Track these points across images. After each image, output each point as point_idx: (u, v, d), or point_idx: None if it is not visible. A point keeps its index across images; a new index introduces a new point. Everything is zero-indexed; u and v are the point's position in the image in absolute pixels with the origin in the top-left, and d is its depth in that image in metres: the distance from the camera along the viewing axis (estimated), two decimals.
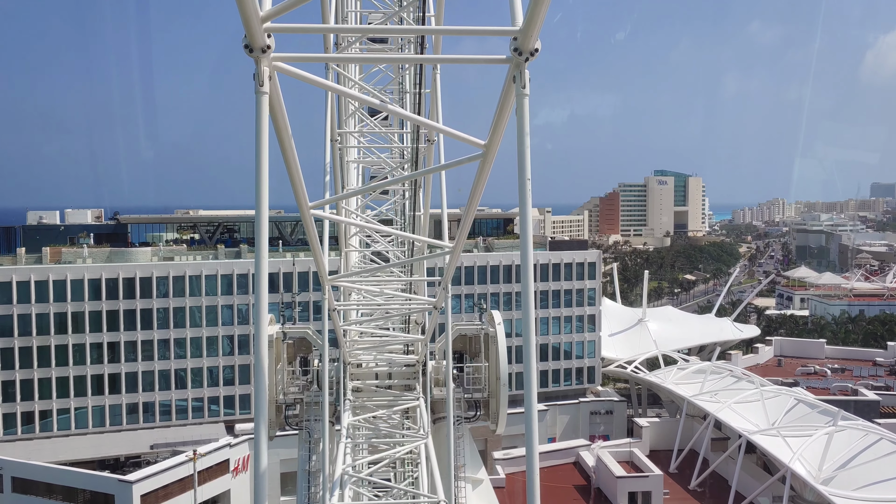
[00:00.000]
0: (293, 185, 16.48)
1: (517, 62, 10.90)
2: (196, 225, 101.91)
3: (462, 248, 24.02)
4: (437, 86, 27.48)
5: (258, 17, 9.71)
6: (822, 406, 76.00)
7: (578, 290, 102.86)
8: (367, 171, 32.29)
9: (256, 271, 11.84)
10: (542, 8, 9.93)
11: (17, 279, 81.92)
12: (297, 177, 15.78)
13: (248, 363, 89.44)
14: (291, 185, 16.60)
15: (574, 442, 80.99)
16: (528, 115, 12.09)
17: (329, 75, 26.56)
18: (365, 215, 29.17)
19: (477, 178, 16.30)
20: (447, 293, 25.65)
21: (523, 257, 12.12)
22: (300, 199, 17.46)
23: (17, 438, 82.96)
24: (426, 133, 27.63)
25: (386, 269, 28.75)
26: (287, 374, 31.21)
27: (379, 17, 27.51)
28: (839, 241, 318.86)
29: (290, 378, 31.27)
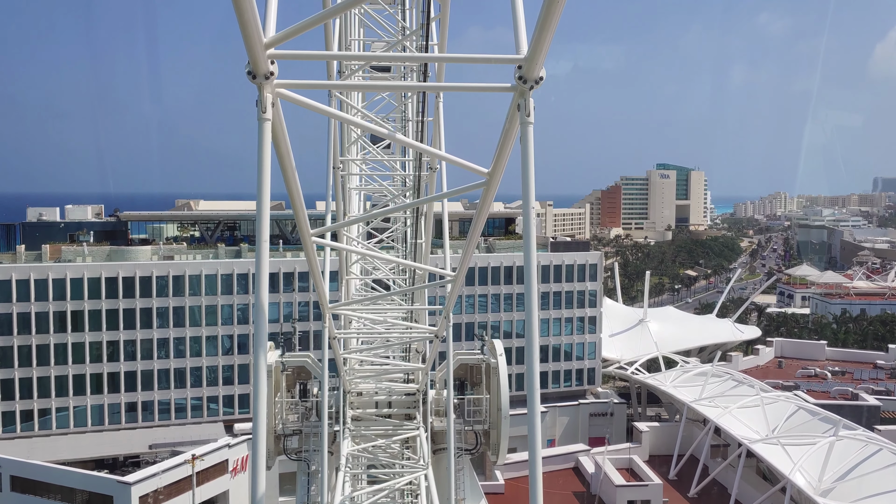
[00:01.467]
0: (295, 212, 16.33)
1: (522, 90, 10.87)
2: (196, 222, 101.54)
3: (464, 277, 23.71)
4: (439, 113, 27.14)
5: (262, 43, 9.68)
6: (822, 413, 75.75)
7: (579, 292, 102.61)
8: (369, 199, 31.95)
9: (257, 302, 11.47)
10: (546, 36, 9.86)
11: (16, 277, 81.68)
12: (298, 204, 15.64)
13: (248, 363, 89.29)
14: (293, 211, 16.50)
15: (573, 447, 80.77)
16: (533, 143, 11.81)
17: (332, 102, 26.25)
18: (366, 243, 28.85)
19: (480, 206, 16.09)
20: (448, 322, 25.39)
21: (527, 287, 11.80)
22: (302, 226, 17.27)
23: (17, 436, 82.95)
24: (428, 161, 27.32)
25: (387, 297, 28.47)
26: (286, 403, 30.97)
27: (382, 45, 27.15)
28: (841, 237, 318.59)
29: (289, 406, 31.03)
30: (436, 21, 25.35)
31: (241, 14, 9.01)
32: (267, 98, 10.55)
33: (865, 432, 70.51)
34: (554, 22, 9.68)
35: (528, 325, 11.65)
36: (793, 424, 75.03)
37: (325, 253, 26.69)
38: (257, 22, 9.38)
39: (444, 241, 27.32)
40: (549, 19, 9.52)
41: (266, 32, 10.13)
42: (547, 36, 9.86)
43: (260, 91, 10.44)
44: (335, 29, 25.67)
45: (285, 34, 10.09)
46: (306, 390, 31.22)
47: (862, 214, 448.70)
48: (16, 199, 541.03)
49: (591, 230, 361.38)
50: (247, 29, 9.25)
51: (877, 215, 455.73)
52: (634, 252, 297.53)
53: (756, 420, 76.53)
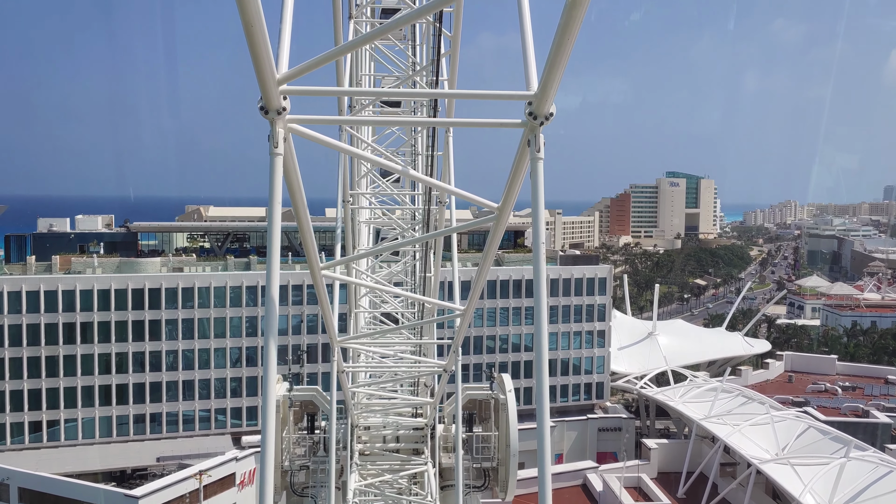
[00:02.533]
0: (305, 247, 16.39)
1: (532, 126, 10.92)
2: (206, 234, 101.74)
3: (473, 310, 23.56)
4: (449, 148, 27.10)
5: (275, 79, 9.74)
6: (833, 433, 75.23)
7: (588, 306, 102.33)
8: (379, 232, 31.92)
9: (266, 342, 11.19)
10: (557, 73, 9.91)
11: (26, 289, 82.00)
12: (309, 238, 15.66)
13: (256, 375, 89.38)
14: (303, 246, 16.54)
15: (581, 464, 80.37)
16: (543, 178, 11.79)
17: (343, 137, 26.24)
18: (375, 276, 28.79)
19: (490, 240, 15.90)
20: (457, 357, 25.28)
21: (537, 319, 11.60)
22: (312, 260, 17.27)
23: (25, 447, 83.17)
24: (438, 195, 27.26)
25: (395, 330, 28.37)
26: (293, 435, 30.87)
27: (393, 80, 27.13)
28: (851, 247, 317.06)
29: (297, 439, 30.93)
30: (446, 57, 25.36)
31: (255, 50, 9.08)
32: (279, 133, 10.58)
33: (877, 453, 69.95)
34: (564, 58, 9.70)
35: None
36: (803, 443, 74.53)
37: (334, 287, 26.65)
38: (270, 58, 9.44)
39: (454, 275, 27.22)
40: (560, 56, 9.57)
41: (279, 68, 10.19)
42: (557, 72, 9.92)
43: (272, 126, 10.49)
44: (346, 65, 25.66)
45: (298, 70, 10.18)
46: (314, 423, 31.14)
47: (873, 224, 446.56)
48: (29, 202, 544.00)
49: (600, 238, 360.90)
50: (260, 65, 9.33)
51: (888, 224, 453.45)
52: (643, 260, 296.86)
53: (766, 438, 76.04)
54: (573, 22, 9.02)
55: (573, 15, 8.91)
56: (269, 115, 10.25)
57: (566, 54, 9.53)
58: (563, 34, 9.17)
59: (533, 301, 11.94)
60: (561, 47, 9.37)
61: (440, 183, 20.20)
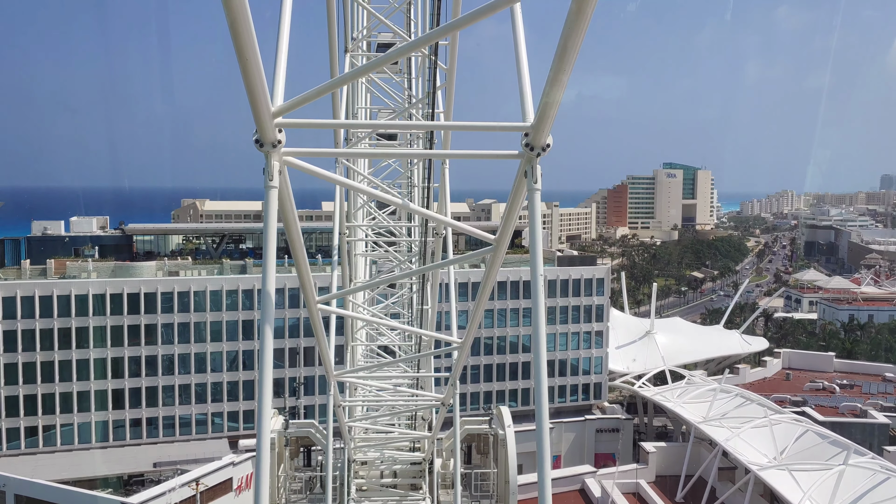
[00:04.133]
0: (300, 280, 16.19)
1: (529, 157, 10.92)
2: (202, 235, 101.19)
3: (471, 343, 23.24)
4: (445, 180, 26.74)
5: (269, 112, 9.72)
6: (831, 437, 75.05)
7: (586, 306, 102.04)
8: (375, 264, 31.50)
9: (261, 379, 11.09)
10: (553, 104, 9.96)
11: (21, 294, 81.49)
12: (304, 271, 15.42)
13: (252, 378, 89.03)
14: (299, 278, 15.95)
15: (579, 469, 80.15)
16: (540, 209, 11.83)
17: (338, 169, 25.85)
18: (372, 309, 28.39)
19: (488, 272, 15.81)
20: (455, 390, 24.98)
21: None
22: (307, 293, 17.04)
23: (21, 453, 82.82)
24: (434, 226, 26.90)
25: (392, 363, 28.04)
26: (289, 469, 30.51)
27: (389, 112, 26.73)
28: (848, 238, 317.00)
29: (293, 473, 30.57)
30: (441, 89, 24.97)
31: (250, 83, 9.03)
32: (274, 166, 10.52)
33: (877, 459, 69.72)
34: (560, 90, 9.71)
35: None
36: (801, 447, 74.39)
37: (330, 319, 26.30)
38: (265, 91, 9.37)
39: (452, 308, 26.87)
40: (556, 87, 9.61)
41: (274, 101, 10.17)
42: (554, 104, 9.96)
43: (267, 159, 10.42)
44: (342, 97, 25.25)
45: (293, 103, 10.10)
46: (310, 457, 30.78)
47: (869, 213, 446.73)
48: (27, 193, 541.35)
49: (597, 230, 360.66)
50: (255, 98, 9.28)
51: (885, 214, 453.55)
52: (641, 253, 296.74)
53: (764, 442, 75.89)
54: (568, 55, 9.09)
55: (568, 49, 8.98)
56: (264, 148, 10.22)
57: (562, 85, 9.60)
58: (559, 67, 9.25)
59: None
60: (557, 78, 9.44)
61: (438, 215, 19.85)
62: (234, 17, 8.19)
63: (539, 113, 10.26)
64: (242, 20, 8.29)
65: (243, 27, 8.37)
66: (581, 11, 8.45)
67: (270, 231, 11.07)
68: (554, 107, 10.02)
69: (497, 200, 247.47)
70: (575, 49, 9.04)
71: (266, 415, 11.21)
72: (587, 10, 8.48)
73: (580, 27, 8.69)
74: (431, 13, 23.37)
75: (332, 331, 25.67)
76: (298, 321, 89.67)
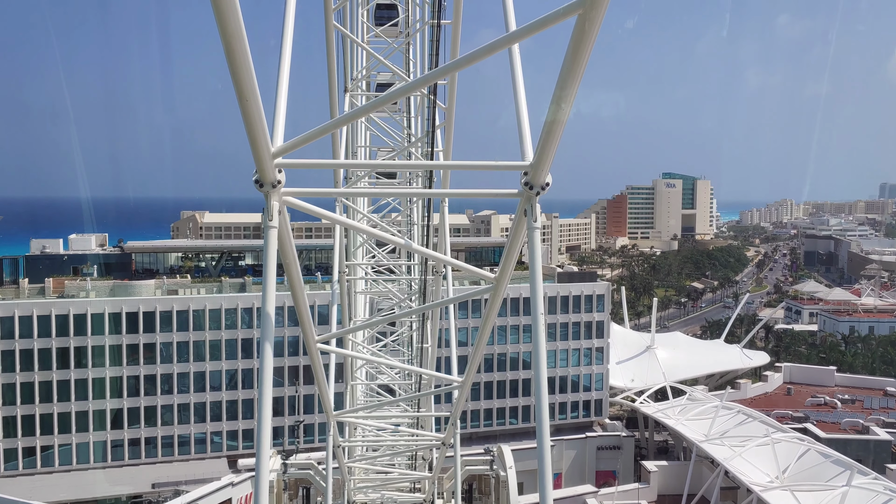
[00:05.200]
0: (300, 319, 16.21)
1: (528, 196, 10.98)
2: (201, 253, 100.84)
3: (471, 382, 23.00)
4: (444, 218, 26.53)
5: (269, 153, 9.75)
6: (834, 456, 74.60)
7: (587, 323, 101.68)
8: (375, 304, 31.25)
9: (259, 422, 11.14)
10: (552, 143, 10.05)
11: (19, 314, 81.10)
12: (304, 311, 15.16)
13: (252, 398, 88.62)
14: (298, 317, 15.88)
15: (580, 489, 79.73)
16: (540, 248, 11.78)
17: (338, 208, 25.68)
18: (372, 347, 28.12)
19: (488, 311, 15.81)
20: (456, 429, 24.73)
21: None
22: (307, 332, 16.98)
23: (19, 473, 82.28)
24: (434, 265, 26.71)
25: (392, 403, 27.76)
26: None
27: (388, 152, 26.56)
28: (848, 248, 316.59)
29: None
30: (441, 128, 24.81)
31: (250, 125, 9.08)
32: (274, 206, 10.54)
33: (880, 480, 69.24)
34: (559, 130, 9.80)
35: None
36: (804, 467, 73.94)
37: (330, 359, 26.04)
38: (265, 132, 9.41)
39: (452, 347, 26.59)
40: (555, 128, 9.72)
41: (274, 141, 10.18)
42: (552, 143, 10.05)
43: (267, 199, 10.42)
44: (342, 137, 25.07)
45: (292, 144, 10.16)
46: (309, 497, 30.42)
47: (869, 222, 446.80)
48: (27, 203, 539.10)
49: (597, 240, 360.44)
50: (255, 139, 9.32)
51: (884, 223, 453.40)
52: (640, 263, 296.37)
53: (766, 461, 75.43)
54: (566, 97, 9.19)
55: (566, 91, 9.08)
56: (265, 189, 10.24)
57: (561, 126, 9.69)
58: (557, 108, 9.38)
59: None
60: (556, 119, 9.57)
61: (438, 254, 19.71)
62: (235, 58, 8.22)
63: (538, 152, 10.32)
64: (243, 61, 8.30)
65: (243, 68, 8.38)
66: (573, 69, 8.72)
67: (270, 273, 10.99)
68: (553, 145, 10.08)
69: (497, 212, 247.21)
70: (572, 93, 9.17)
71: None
72: (579, 68, 8.73)
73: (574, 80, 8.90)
74: (430, 53, 23.29)
75: (332, 370, 25.40)
76: (297, 340, 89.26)
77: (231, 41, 8.01)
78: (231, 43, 8.02)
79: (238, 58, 8.24)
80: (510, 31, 11.54)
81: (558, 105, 9.36)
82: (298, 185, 11.08)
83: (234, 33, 7.97)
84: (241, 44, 8.12)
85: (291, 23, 12.65)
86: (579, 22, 8.22)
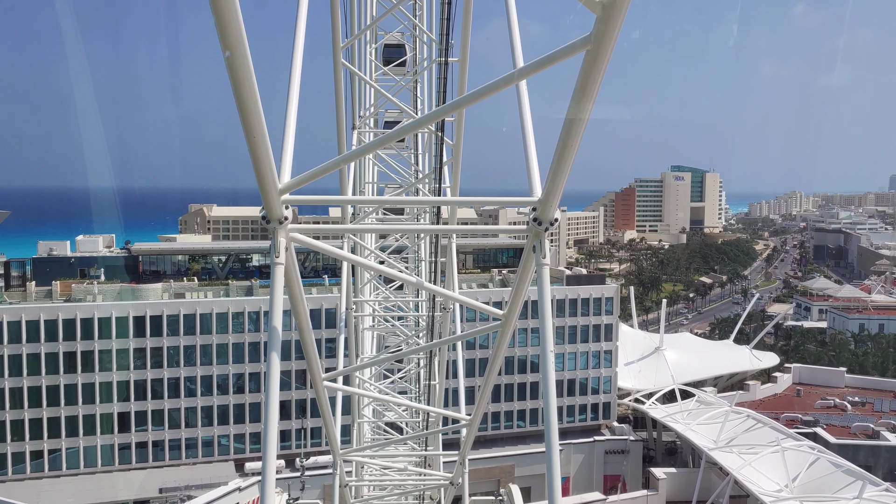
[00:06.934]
0: (307, 357, 16.14)
1: (537, 232, 10.90)
2: (208, 255, 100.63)
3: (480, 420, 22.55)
4: (452, 254, 26.07)
5: (276, 190, 9.72)
6: (845, 465, 74.15)
7: (595, 326, 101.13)
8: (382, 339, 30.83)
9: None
10: (561, 180, 10.07)
11: (26, 318, 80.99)
12: (311, 349, 14.93)
13: (259, 401, 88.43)
14: (305, 355, 15.62)
15: (588, 496, 79.59)
16: (549, 285, 11.56)
17: (345, 245, 25.26)
18: (379, 384, 27.70)
19: (496, 350, 15.57)
20: (464, 469, 24.33)
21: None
22: (313, 369, 16.76)
23: (27, 477, 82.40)
24: (441, 301, 26.28)
25: (400, 441, 27.36)
26: None
27: (396, 188, 26.11)
28: (858, 242, 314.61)
29: None
30: (448, 164, 24.35)
31: (257, 162, 9.06)
32: (281, 243, 10.44)
33: (891, 492, 68.74)
34: (567, 165, 9.76)
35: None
36: (814, 476, 73.50)
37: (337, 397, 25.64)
38: (273, 170, 9.35)
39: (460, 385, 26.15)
40: (563, 163, 9.70)
41: (281, 178, 10.15)
42: (561, 179, 10.04)
43: (274, 236, 10.36)
44: (350, 173, 24.63)
45: (299, 180, 10.14)
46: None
47: (879, 215, 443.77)
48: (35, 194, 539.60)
49: (605, 233, 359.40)
50: (262, 176, 9.30)
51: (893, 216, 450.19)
52: (649, 257, 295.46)
53: (776, 469, 75.00)
54: (574, 134, 9.18)
55: (574, 127, 9.08)
56: (271, 225, 10.17)
57: (569, 162, 9.70)
58: (565, 145, 9.35)
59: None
60: (564, 155, 9.54)
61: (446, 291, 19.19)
62: (243, 96, 8.17)
63: (546, 188, 10.28)
64: (251, 99, 8.26)
65: (251, 106, 8.35)
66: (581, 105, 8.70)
67: (276, 312, 10.91)
68: (561, 181, 10.07)
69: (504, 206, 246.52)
70: (580, 129, 9.18)
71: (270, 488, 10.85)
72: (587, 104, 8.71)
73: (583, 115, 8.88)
74: (438, 90, 22.87)
75: (339, 409, 24.98)
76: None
77: (239, 79, 7.96)
78: (239, 81, 7.98)
79: (246, 95, 8.18)
80: (517, 67, 11.48)
81: (566, 141, 9.33)
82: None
83: (243, 71, 7.90)
84: (249, 82, 8.06)
85: (300, 60, 12.67)
86: (588, 58, 8.18)
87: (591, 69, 8.22)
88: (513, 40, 13.15)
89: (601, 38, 7.89)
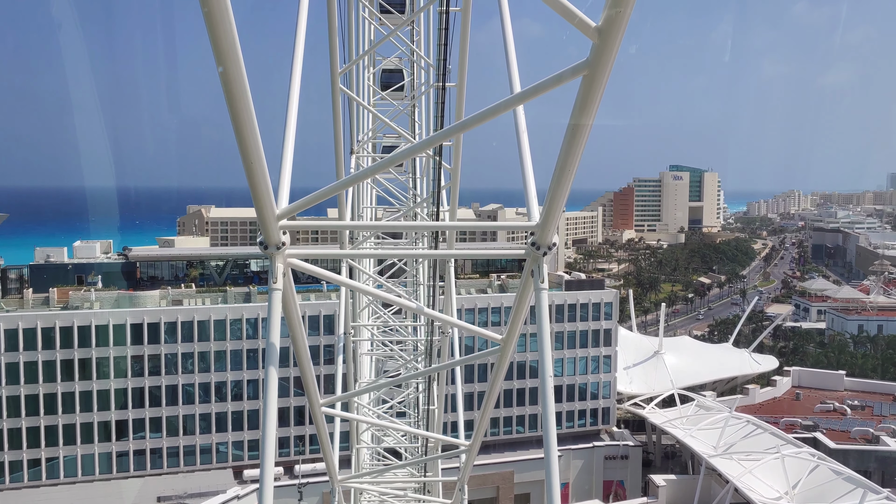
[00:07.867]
0: (305, 383, 15.66)
1: (535, 256, 10.89)
2: (206, 261, 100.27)
3: (479, 446, 22.29)
4: (450, 278, 25.81)
5: (274, 215, 9.73)
6: (845, 472, 73.88)
7: (594, 331, 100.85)
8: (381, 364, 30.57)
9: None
10: (559, 204, 10.11)
11: (23, 326, 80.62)
12: (309, 374, 14.76)
13: (257, 408, 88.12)
14: (303, 381, 15.40)
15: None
16: (547, 309, 11.53)
17: (344, 270, 25.01)
18: (378, 410, 27.42)
19: (495, 374, 15.45)
20: (464, 495, 24.10)
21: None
22: (311, 396, 16.56)
23: (24, 485, 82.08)
24: (440, 325, 26.04)
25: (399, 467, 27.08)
26: None
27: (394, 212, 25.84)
28: (856, 241, 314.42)
29: None
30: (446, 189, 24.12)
31: (255, 186, 9.06)
32: (278, 268, 10.38)
33: (892, 500, 68.54)
34: (565, 191, 9.78)
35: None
36: (814, 483, 73.29)
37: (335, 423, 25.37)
38: (270, 195, 9.37)
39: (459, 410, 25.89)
40: (561, 189, 9.73)
41: (278, 203, 10.17)
42: (559, 204, 10.05)
43: (272, 261, 10.28)
44: (348, 198, 24.39)
45: (297, 206, 10.15)
46: None
47: (877, 214, 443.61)
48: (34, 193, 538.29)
49: (604, 233, 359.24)
50: (259, 201, 9.32)
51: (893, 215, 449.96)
52: (647, 257, 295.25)
53: (776, 476, 74.83)
54: (571, 160, 9.21)
55: (571, 153, 9.10)
56: (269, 251, 10.13)
57: (567, 187, 9.73)
58: (562, 171, 9.38)
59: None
60: (561, 180, 9.57)
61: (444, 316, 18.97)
62: (240, 121, 8.14)
63: (544, 213, 10.31)
64: (248, 124, 8.22)
65: (248, 131, 8.31)
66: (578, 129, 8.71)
67: (273, 335, 10.87)
68: (559, 206, 10.11)
69: (503, 206, 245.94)
70: (577, 155, 9.19)
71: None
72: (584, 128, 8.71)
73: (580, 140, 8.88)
74: (435, 115, 22.64)
75: (337, 435, 24.68)
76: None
77: (236, 104, 7.93)
78: (236, 106, 7.95)
79: (243, 121, 8.13)
80: (515, 91, 11.43)
81: (564, 166, 9.31)
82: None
83: (240, 96, 7.87)
84: (246, 107, 8.03)
85: (297, 85, 12.63)
86: (585, 83, 8.17)
87: (588, 93, 8.21)
88: (510, 64, 13.07)
89: (597, 64, 7.88)
